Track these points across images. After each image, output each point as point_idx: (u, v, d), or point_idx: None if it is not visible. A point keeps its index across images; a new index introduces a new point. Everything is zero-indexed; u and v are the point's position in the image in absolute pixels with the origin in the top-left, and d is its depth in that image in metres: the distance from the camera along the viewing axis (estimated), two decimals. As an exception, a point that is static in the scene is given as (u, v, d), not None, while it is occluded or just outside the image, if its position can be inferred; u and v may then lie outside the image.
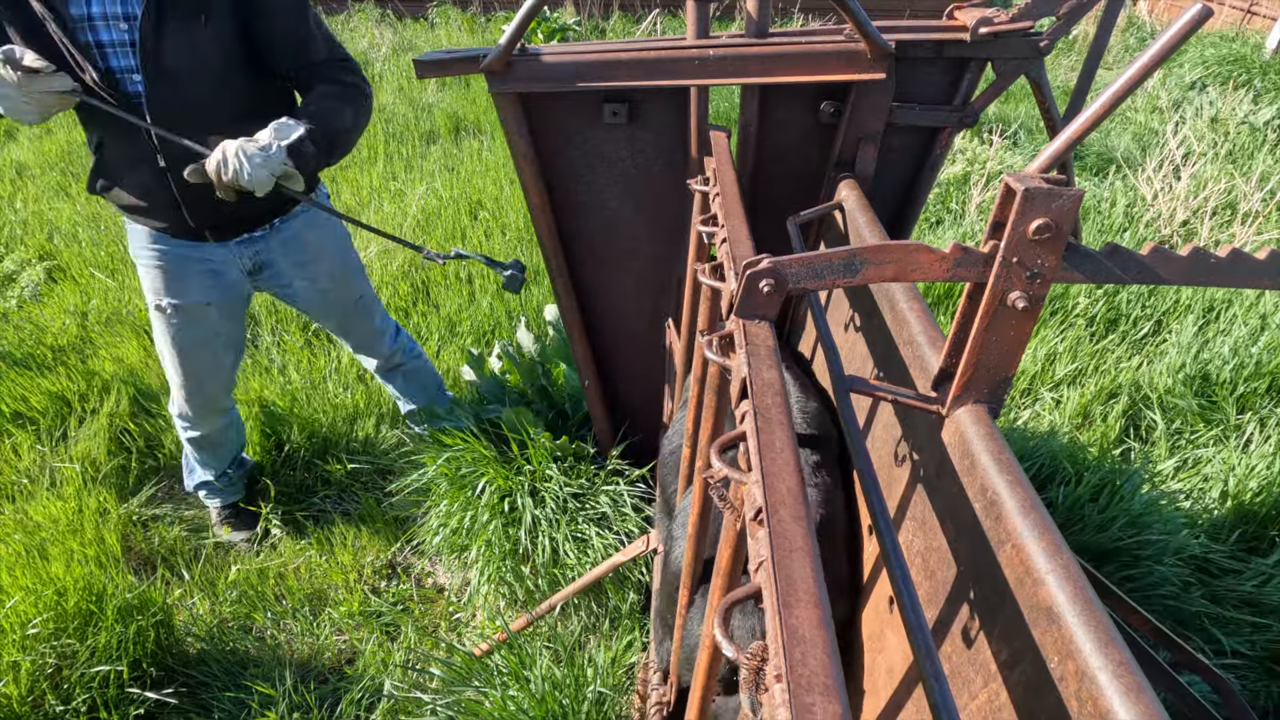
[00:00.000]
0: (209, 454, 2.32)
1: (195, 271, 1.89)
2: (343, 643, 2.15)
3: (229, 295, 1.97)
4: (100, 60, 1.58)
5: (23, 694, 1.79)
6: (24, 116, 1.53)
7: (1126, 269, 0.75)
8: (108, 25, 1.56)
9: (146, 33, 1.55)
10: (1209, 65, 6.97)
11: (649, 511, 2.21)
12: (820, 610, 0.48)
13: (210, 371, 2.06)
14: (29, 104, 1.50)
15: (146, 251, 1.87)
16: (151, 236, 1.85)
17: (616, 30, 8.88)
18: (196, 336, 1.97)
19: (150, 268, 1.88)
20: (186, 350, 1.99)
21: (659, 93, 1.57)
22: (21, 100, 1.49)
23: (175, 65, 1.60)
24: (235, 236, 1.90)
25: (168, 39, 1.57)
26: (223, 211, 1.79)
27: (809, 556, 0.52)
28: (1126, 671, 0.55)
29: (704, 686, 0.87)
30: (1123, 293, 3.48)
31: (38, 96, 1.50)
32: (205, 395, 2.10)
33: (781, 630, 0.47)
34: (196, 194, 1.73)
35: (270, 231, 1.95)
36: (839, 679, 0.44)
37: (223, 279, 1.94)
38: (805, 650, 0.46)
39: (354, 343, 2.31)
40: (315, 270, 2.04)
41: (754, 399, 0.68)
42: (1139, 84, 0.66)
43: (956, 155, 5.00)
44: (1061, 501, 2.36)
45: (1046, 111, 1.51)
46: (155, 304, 1.92)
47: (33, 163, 5.32)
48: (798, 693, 0.43)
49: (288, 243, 1.98)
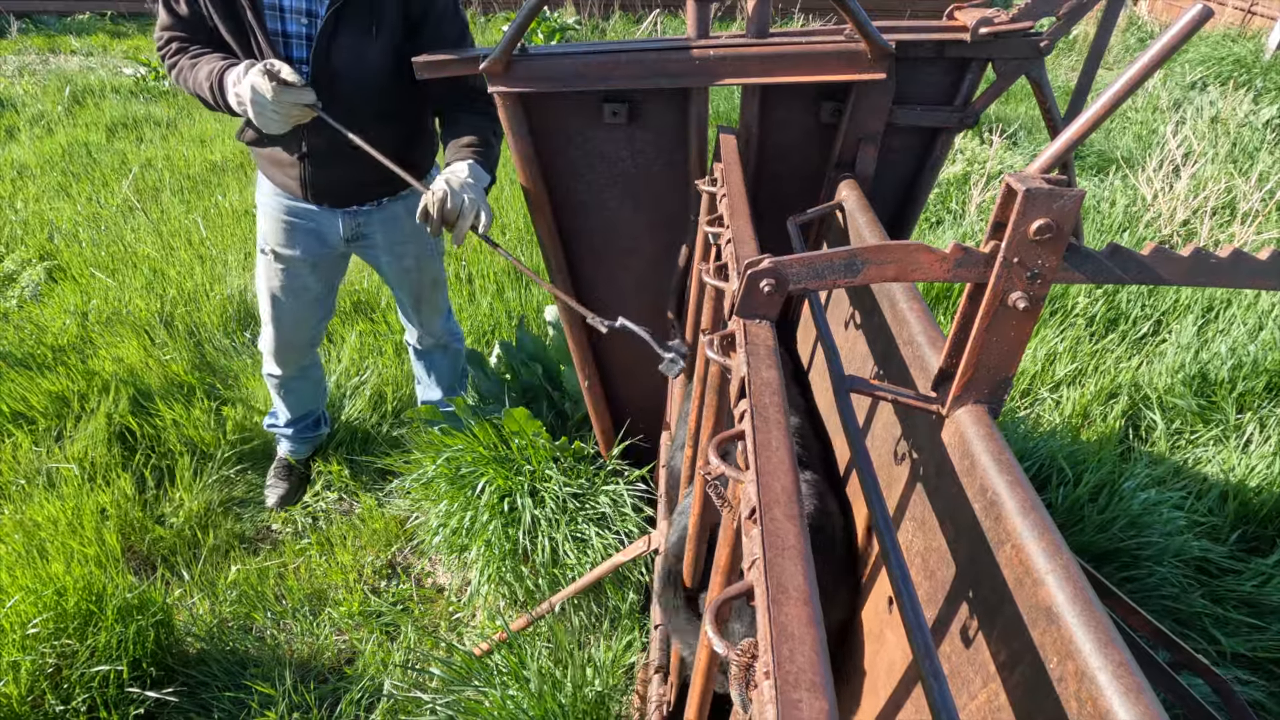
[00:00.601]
0: (282, 398, 2.48)
1: (301, 230, 2.07)
2: (342, 643, 2.15)
3: (325, 256, 2.15)
4: (283, 49, 1.74)
5: (22, 694, 1.79)
6: (270, 125, 1.65)
7: (1127, 269, 0.75)
8: (294, 18, 1.72)
9: (323, 33, 1.71)
10: (1209, 65, 6.97)
11: (649, 511, 2.21)
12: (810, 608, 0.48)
13: (294, 320, 2.24)
14: (278, 114, 1.63)
15: (268, 201, 2.07)
16: (275, 191, 2.04)
17: (617, 30, 8.88)
18: (289, 285, 2.16)
19: (266, 215, 2.08)
20: (277, 295, 2.18)
21: (659, 93, 1.57)
22: (271, 110, 1.62)
23: (340, 67, 1.75)
24: (345, 206, 2.05)
25: (340, 42, 1.73)
26: (338, 190, 2.00)
27: (800, 555, 0.52)
28: (1126, 672, 0.55)
29: (702, 687, 0.87)
30: (1122, 293, 3.48)
31: (286, 107, 1.62)
32: (286, 340, 2.29)
33: (771, 627, 0.47)
34: (319, 177, 1.94)
35: (376, 208, 2.09)
36: (827, 676, 0.44)
37: (324, 240, 2.11)
38: (793, 647, 0.46)
39: (417, 316, 2.41)
40: (404, 250, 2.18)
41: (752, 398, 0.69)
42: (1140, 84, 0.66)
43: (956, 155, 5.00)
44: (1061, 502, 2.36)
45: (1047, 111, 1.51)
46: (261, 247, 2.14)
47: (33, 163, 5.32)
48: (784, 689, 0.43)
49: (388, 221, 2.12)
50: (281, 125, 1.66)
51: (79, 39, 9.08)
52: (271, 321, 2.24)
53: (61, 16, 9.87)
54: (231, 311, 3.48)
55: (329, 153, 1.89)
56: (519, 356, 2.66)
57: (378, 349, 3.26)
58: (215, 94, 1.68)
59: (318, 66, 1.74)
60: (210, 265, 3.90)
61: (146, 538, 2.38)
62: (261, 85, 1.58)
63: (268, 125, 1.65)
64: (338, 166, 1.93)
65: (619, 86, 1.51)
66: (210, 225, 4.34)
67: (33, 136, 5.88)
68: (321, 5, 1.70)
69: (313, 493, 2.64)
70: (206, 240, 4.19)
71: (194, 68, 1.72)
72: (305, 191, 1.97)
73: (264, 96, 1.59)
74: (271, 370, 2.39)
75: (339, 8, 1.69)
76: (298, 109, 1.64)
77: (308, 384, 2.49)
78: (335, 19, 1.70)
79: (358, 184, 2.00)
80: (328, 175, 1.94)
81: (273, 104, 1.60)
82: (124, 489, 2.48)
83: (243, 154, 5.54)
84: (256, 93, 1.59)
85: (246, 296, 3.60)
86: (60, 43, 8.93)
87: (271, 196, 2.06)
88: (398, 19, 1.75)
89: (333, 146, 1.87)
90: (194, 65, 1.72)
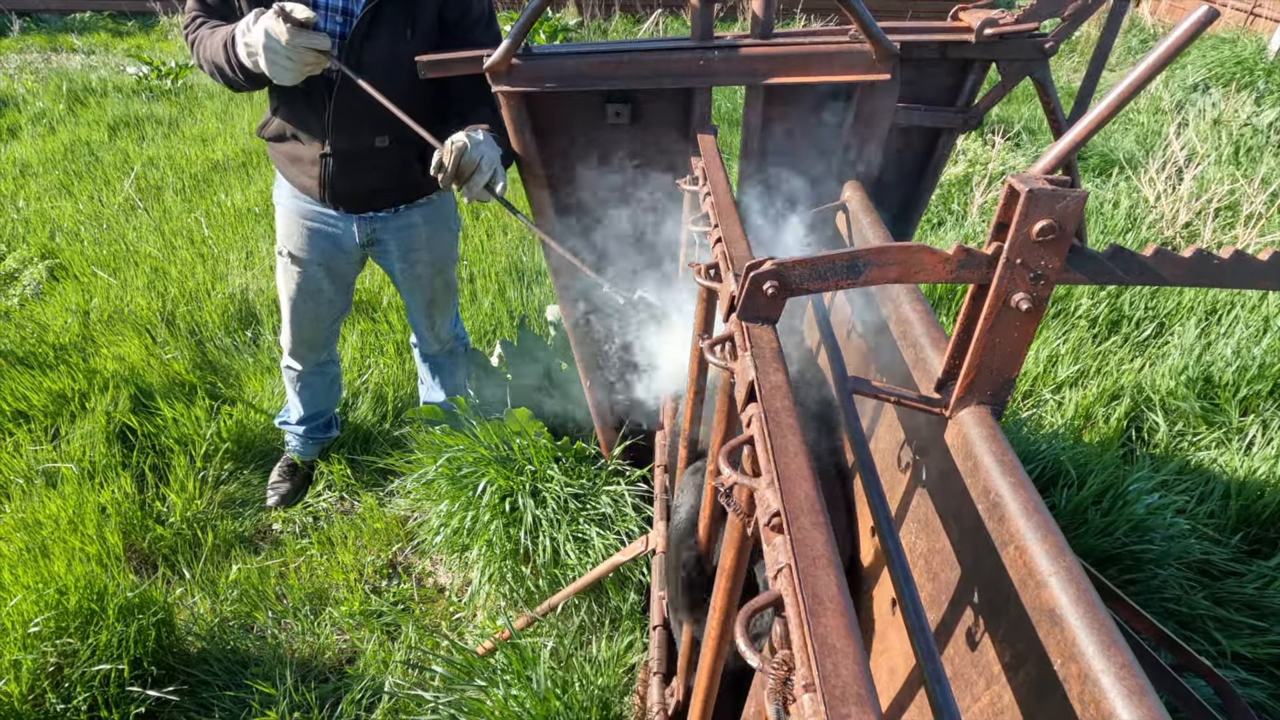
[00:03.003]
0: (297, 393, 2.49)
1: (318, 234, 2.08)
2: (343, 642, 2.15)
3: (340, 260, 2.16)
4: None
5: (24, 692, 1.79)
6: (282, 74, 1.58)
7: (1129, 270, 0.75)
8: (330, 15, 1.72)
9: (357, 32, 1.71)
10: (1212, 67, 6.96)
11: (649, 511, 2.21)
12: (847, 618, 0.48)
13: (310, 319, 2.27)
14: (291, 60, 1.56)
15: (286, 202, 2.08)
16: (293, 192, 2.05)
17: (618, 31, 8.88)
18: (304, 287, 2.18)
19: (284, 216, 2.10)
20: (293, 295, 2.21)
21: (661, 93, 1.57)
22: (285, 55, 1.55)
23: (370, 65, 1.74)
24: (361, 212, 2.05)
25: (373, 43, 1.73)
26: (356, 195, 1.99)
27: (832, 564, 0.52)
28: (1129, 674, 0.55)
29: (706, 689, 0.87)
30: (1125, 294, 3.47)
31: (300, 53, 1.55)
32: (303, 338, 2.32)
33: (810, 640, 0.46)
34: (339, 180, 1.93)
35: (392, 215, 2.09)
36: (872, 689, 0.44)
37: (339, 244, 2.12)
38: (837, 660, 0.45)
39: (427, 321, 2.42)
40: (417, 258, 2.20)
41: (763, 402, 0.68)
42: (1145, 85, 0.66)
43: (959, 156, 4.99)
44: (1064, 504, 2.35)
45: (1051, 112, 1.51)
46: (279, 249, 2.15)
47: (35, 161, 5.32)
48: (833, 704, 0.43)
49: (403, 229, 2.12)
50: (294, 74, 1.58)
51: (81, 37, 9.09)
52: (290, 319, 2.28)
53: (63, 15, 9.88)
54: (233, 310, 3.48)
55: (351, 154, 1.89)
56: (520, 356, 2.66)
57: (379, 348, 3.26)
58: (229, 53, 1.62)
59: (350, 65, 1.72)
60: (212, 264, 3.90)
61: (147, 536, 2.38)
62: (275, 28, 1.51)
63: (280, 75, 1.57)
64: (359, 170, 1.92)
65: (622, 87, 1.50)
66: (212, 224, 4.35)
67: (34, 135, 5.88)
68: (358, 4, 1.70)
69: (314, 492, 2.64)
70: (208, 239, 4.19)
71: (212, 35, 1.69)
72: (324, 193, 1.96)
73: (277, 41, 1.52)
74: (290, 364, 2.42)
75: (375, 8, 1.68)
76: (312, 56, 1.56)
77: (324, 381, 2.51)
78: (370, 19, 1.69)
79: (376, 190, 2.00)
80: (348, 178, 1.94)
81: (286, 49, 1.53)
82: (124, 488, 2.48)
83: (244, 153, 5.54)
84: (270, 36, 1.52)
85: (248, 295, 3.60)
86: (62, 41, 8.94)
87: (289, 198, 2.06)
88: (433, 22, 1.75)
89: (356, 149, 1.87)
90: (212, 32, 1.69)
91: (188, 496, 2.50)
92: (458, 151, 1.55)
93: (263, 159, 5.41)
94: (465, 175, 1.57)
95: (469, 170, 1.57)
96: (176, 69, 7.39)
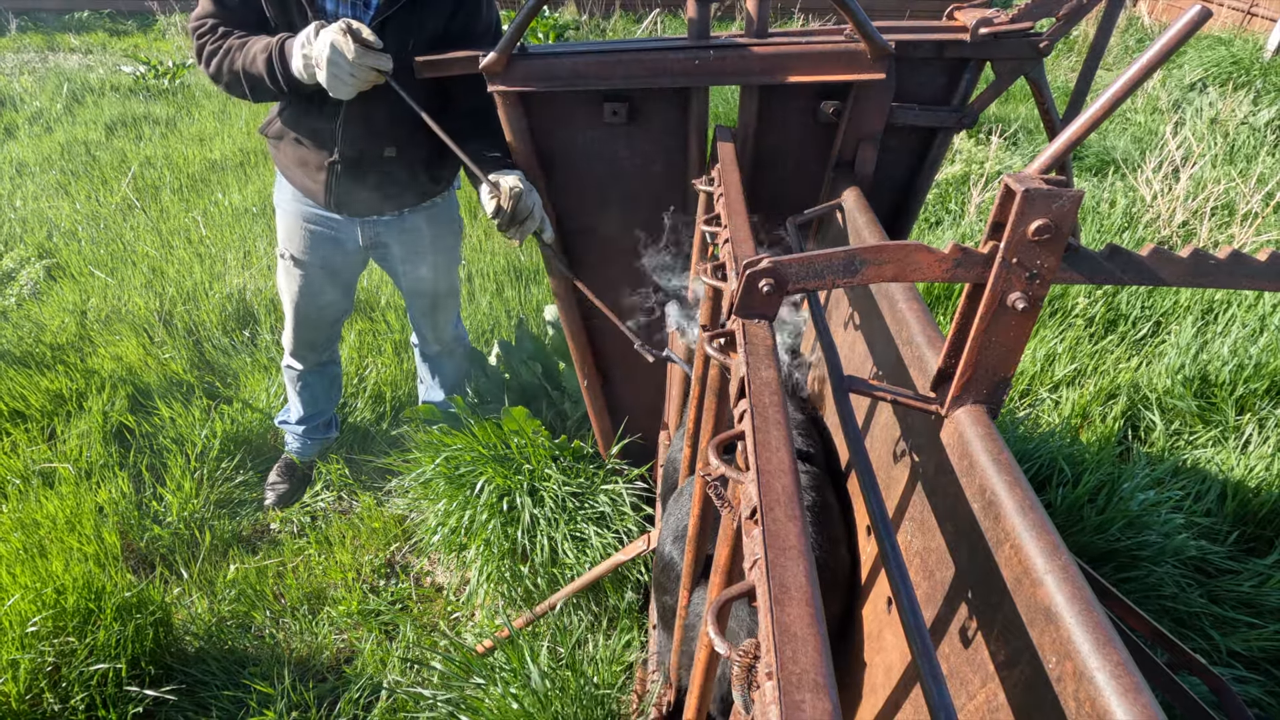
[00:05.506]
0: (298, 393, 2.50)
1: (319, 236, 2.09)
2: (341, 641, 2.15)
3: (342, 262, 2.16)
4: None
5: (21, 692, 1.79)
6: (341, 89, 1.61)
7: (1126, 270, 0.75)
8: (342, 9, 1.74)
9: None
10: (1208, 67, 6.98)
11: (648, 510, 2.21)
12: (812, 609, 0.48)
13: (312, 320, 2.28)
14: (354, 76, 1.59)
15: (287, 204, 2.07)
16: (295, 195, 2.04)
17: (617, 30, 8.88)
18: (305, 289, 2.19)
19: (285, 218, 2.10)
20: (295, 298, 2.21)
21: (659, 93, 1.57)
22: (349, 71, 1.57)
23: None
24: (364, 216, 2.06)
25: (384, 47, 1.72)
26: (360, 201, 2.00)
27: (802, 555, 0.52)
28: (1124, 672, 0.55)
29: (701, 686, 0.88)
30: (1122, 293, 3.48)
31: (363, 71, 1.58)
32: (305, 338, 2.33)
33: (773, 628, 0.47)
34: (344, 186, 1.93)
35: (396, 218, 2.09)
36: (830, 676, 0.44)
37: (341, 247, 2.12)
38: (796, 648, 0.46)
39: (429, 323, 2.43)
40: (420, 261, 2.19)
41: (751, 398, 0.68)
42: (1139, 85, 0.66)
43: (955, 156, 5.00)
44: (1060, 502, 2.36)
45: (1046, 112, 1.51)
46: (280, 251, 2.16)
47: (32, 160, 5.31)
48: (788, 690, 0.43)
49: (406, 232, 2.12)
50: (352, 90, 1.62)
51: (78, 37, 9.07)
52: (291, 320, 2.28)
53: (60, 14, 9.86)
54: (230, 310, 3.48)
55: (359, 162, 1.89)
56: (518, 356, 2.66)
57: (377, 348, 3.26)
58: (274, 63, 1.64)
59: None
60: (209, 264, 3.90)
61: (145, 536, 2.38)
62: (342, 43, 1.54)
63: (338, 88, 1.60)
64: (365, 177, 1.92)
65: (619, 86, 1.51)
66: (209, 224, 4.34)
67: (32, 134, 5.87)
68: (366, 16, 1.72)
69: (311, 492, 2.64)
70: (206, 239, 4.18)
71: (244, 46, 1.69)
72: (328, 198, 1.97)
73: (343, 55, 1.55)
74: (291, 364, 2.42)
75: (383, 20, 1.69)
76: (372, 74, 1.60)
77: (324, 380, 2.52)
78: (380, 28, 1.70)
79: (381, 196, 2.00)
80: (354, 185, 1.94)
81: (351, 65, 1.56)
82: (122, 487, 2.48)
83: (242, 153, 5.53)
84: (336, 50, 1.54)
85: (245, 295, 3.59)
86: (59, 40, 8.92)
87: (291, 201, 2.05)
88: (440, 33, 1.76)
89: (364, 156, 1.88)
90: (244, 43, 1.69)
91: (185, 496, 2.50)
92: (515, 198, 1.60)
93: (260, 159, 5.40)
94: (520, 219, 1.63)
95: (523, 216, 1.63)
96: (174, 68, 7.37)
